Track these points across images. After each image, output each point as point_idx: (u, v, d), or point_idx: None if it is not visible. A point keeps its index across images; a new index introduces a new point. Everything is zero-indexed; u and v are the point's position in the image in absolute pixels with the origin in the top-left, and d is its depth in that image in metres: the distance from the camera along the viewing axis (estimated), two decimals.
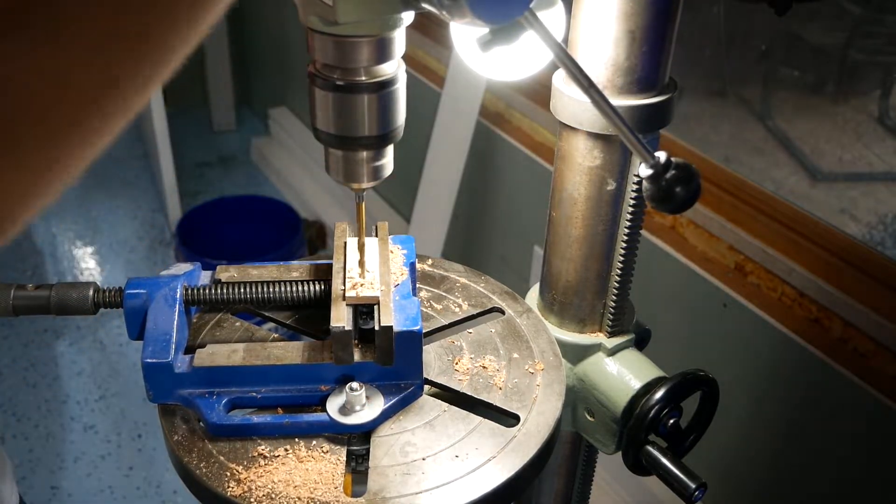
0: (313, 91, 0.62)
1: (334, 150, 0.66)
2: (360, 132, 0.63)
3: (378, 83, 0.61)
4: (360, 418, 0.68)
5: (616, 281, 0.80)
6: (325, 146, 0.66)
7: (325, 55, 0.60)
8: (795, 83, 2.82)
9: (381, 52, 0.60)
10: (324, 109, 0.63)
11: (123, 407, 2.50)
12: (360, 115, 0.62)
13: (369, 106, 0.62)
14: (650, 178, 0.59)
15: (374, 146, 0.65)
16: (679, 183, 0.58)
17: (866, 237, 2.19)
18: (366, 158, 0.66)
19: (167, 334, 0.70)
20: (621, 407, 0.78)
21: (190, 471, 0.66)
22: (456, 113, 2.24)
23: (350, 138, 0.63)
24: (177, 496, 2.22)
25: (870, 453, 1.50)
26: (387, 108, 0.63)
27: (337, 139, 0.64)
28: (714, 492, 1.76)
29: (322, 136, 0.65)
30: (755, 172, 2.47)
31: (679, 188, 0.58)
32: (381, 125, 0.63)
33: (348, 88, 0.61)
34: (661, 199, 0.59)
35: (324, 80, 0.61)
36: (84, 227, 3.36)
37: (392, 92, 0.62)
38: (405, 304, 0.71)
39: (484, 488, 0.64)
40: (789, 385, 1.62)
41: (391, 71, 0.62)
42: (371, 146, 0.64)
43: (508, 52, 0.68)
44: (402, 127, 0.66)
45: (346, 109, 0.62)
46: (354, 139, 0.63)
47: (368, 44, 0.59)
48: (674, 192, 0.58)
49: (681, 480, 0.75)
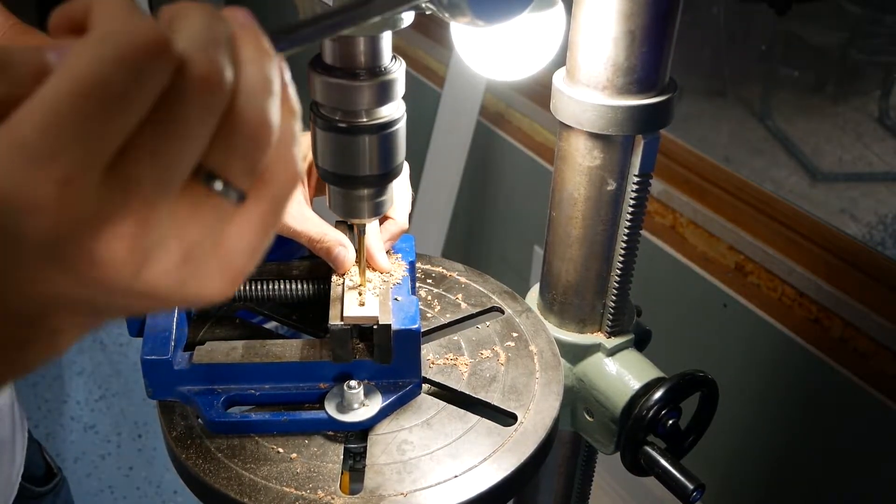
0: (315, 130, 0.62)
1: (335, 187, 0.66)
2: (361, 172, 0.63)
3: (379, 125, 0.61)
4: (357, 416, 0.68)
5: (616, 281, 0.80)
6: (327, 183, 0.66)
7: (327, 97, 0.60)
8: (795, 83, 2.82)
9: (382, 95, 0.60)
10: (324, 149, 0.63)
11: (124, 407, 2.50)
12: (360, 155, 0.62)
13: (370, 147, 0.62)
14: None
15: (375, 184, 0.65)
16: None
17: (866, 237, 2.19)
18: (367, 195, 0.66)
19: (167, 331, 0.71)
20: (620, 407, 0.78)
21: (188, 467, 0.66)
22: (456, 113, 2.24)
23: (351, 177, 0.63)
24: (177, 496, 2.22)
25: (870, 453, 1.50)
26: (388, 148, 0.63)
27: (338, 178, 0.64)
28: (713, 492, 1.76)
29: (322, 174, 0.65)
30: (755, 172, 2.47)
31: None
32: (382, 164, 0.63)
33: (349, 130, 0.61)
34: None
35: (325, 120, 0.61)
36: None
37: (393, 133, 0.62)
38: (404, 303, 0.71)
39: (480, 487, 0.64)
40: (789, 385, 1.62)
41: (392, 112, 0.62)
42: (372, 184, 0.64)
43: (508, 52, 0.68)
44: (403, 164, 0.66)
45: (347, 150, 0.62)
46: (355, 178, 0.63)
47: (370, 88, 0.59)
48: None
49: (679, 481, 0.75)
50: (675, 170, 1.80)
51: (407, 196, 0.79)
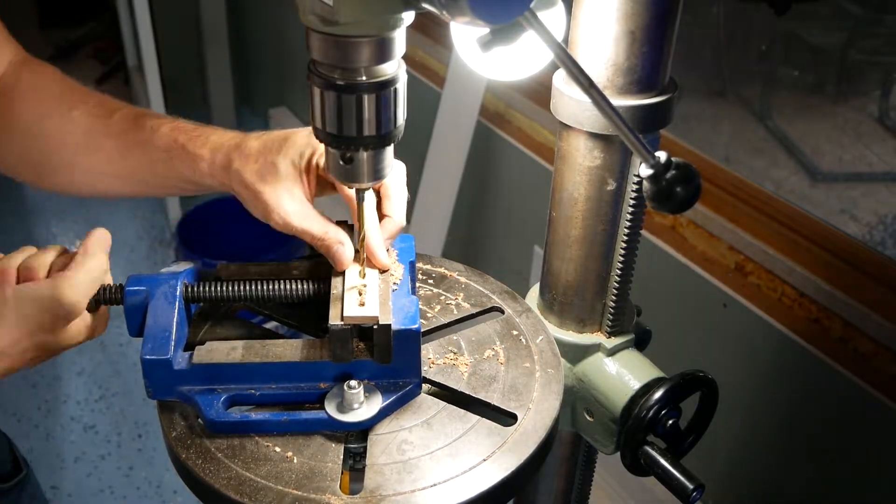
0: (312, 90, 0.62)
1: (334, 150, 0.65)
2: (360, 132, 0.62)
3: (378, 83, 0.61)
4: (357, 416, 0.68)
5: (616, 281, 0.80)
6: (325, 146, 0.66)
7: (325, 55, 0.60)
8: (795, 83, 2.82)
9: (381, 52, 0.59)
10: (323, 109, 0.62)
11: (124, 407, 2.50)
12: (359, 115, 0.62)
13: (369, 106, 0.61)
14: (651, 177, 0.59)
15: (374, 146, 0.64)
16: (679, 182, 0.58)
17: (866, 237, 2.19)
18: (366, 158, 0.65)
19: (167, 331, 0.70)
20: (620, 407, 0.78)
21: (188, 467, 0.66)
22: (456, 113, 2.24)
23: (350, 138, 0.63)
24: (177, 496, 2.22)
25: (870, 453, 1.50)
26: (387, 108, 0.62)
27: (336, 139, 0.63)
28: (713, 492, 1.76)
29: (321, 136, 0.65)
30: (755, 172, 2.47)
31: (679, 188, 0.58)
32: (380, 125, 0.63)
33: (348, 88, 0.60)
34: (661, 199, 0.59)
35: (323, 79, 0.61)
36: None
37: (393, 92, 0.62)
38: (404, 303, 0.71)
39: (480, 487, 0.64)
40: (789, 385, 1.62)
41: (391, 71, 0.61)
42: (371, 146, 0.64)
43: (508, 52, 0.68)
44: (402, 127, 0.65)
45: (346, 109, 0.61)
46: (354, 139, 0.63)
47: (368, 44, 0.58)
48: (674, 191, 0.58)
49: (679, 481, 0.75)
50: None
51: (403, 195, 0.79)
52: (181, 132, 0.81)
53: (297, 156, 0.75)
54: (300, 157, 0.75)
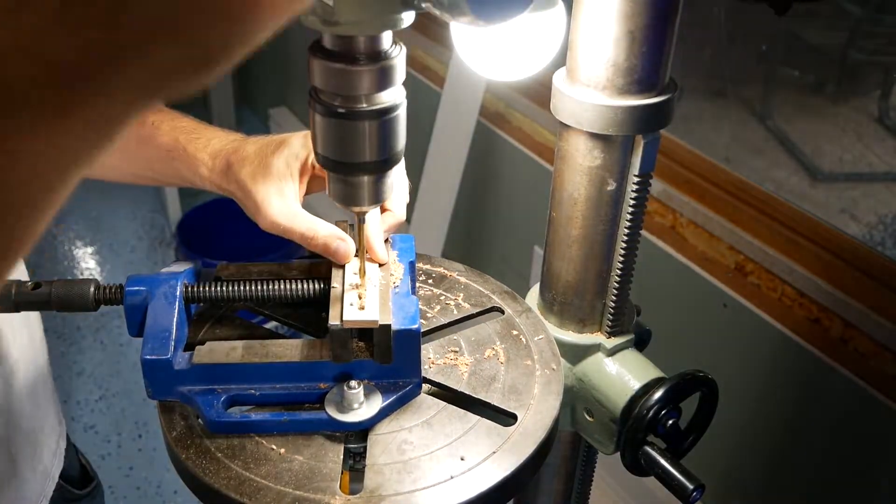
0: (314, 117, 0.62)
1: (335, 174, 0.65)
2: (361, 158, 0.63)
3: (379, 110, 0.61)
4: (357, 416, 0.68)
5: (616, 281, 0.80)
6: (326, 170, 0.66)
7: (327, 83, 0.60)
8: (795, 83, 2.82)
9: (382, 80, 0.60)
10: (324, 135, 0.62)
11: (124, 407, 2.50)
12: (360, 141, 0.62)
13: (370, 133, 0.61)
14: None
15: (375, 171, 0.64)
16: None
17: (866, 237, 2.19)
18: (367, 182, 0.65)
19: (167, 331, 0.70)
20: (620, 407, 0.78)
21: (188, 467, 0.66)
22: (456, 113, 2.24)
23: (351, 164, 0.63)
24: (177, 496, 2.22)
25: (870, 453, 1.50)
26: (388, 134, 0.62)
27: (337, 164, 0.63)
28: (713, 492, 1.76)
29: (321, 161, 0.65)
30: (755, 172, 2.47)
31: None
32: (382, 151, 0.63)
33: (349, 116, 0.60)
34: None
35: (324, 106, 0.61)
36: (84, 227, 3.36)
37: (394, 118, 0.62)
38: (404, 303, 0.71)
39: (480, 487, 0.64)
40: (789, 385, 1.62)
41: (393, 98, 0.61)
42: (372, 171, 0.64)
43: (508, 52, 0.68)
44: (402, 151, 0.65)
45: (347, 136, 0.62)
46: (355, 165, 0.63)
47: (370, 72, 0.59)
48: None
49: (679, 481, 0.75)
50: (675, 170, 1.80)
51: (405, 188, 0.79)
52: (181, 132, 0.81)
53: (292, 156, 0.76)
54: (295, 158, 0.76)
